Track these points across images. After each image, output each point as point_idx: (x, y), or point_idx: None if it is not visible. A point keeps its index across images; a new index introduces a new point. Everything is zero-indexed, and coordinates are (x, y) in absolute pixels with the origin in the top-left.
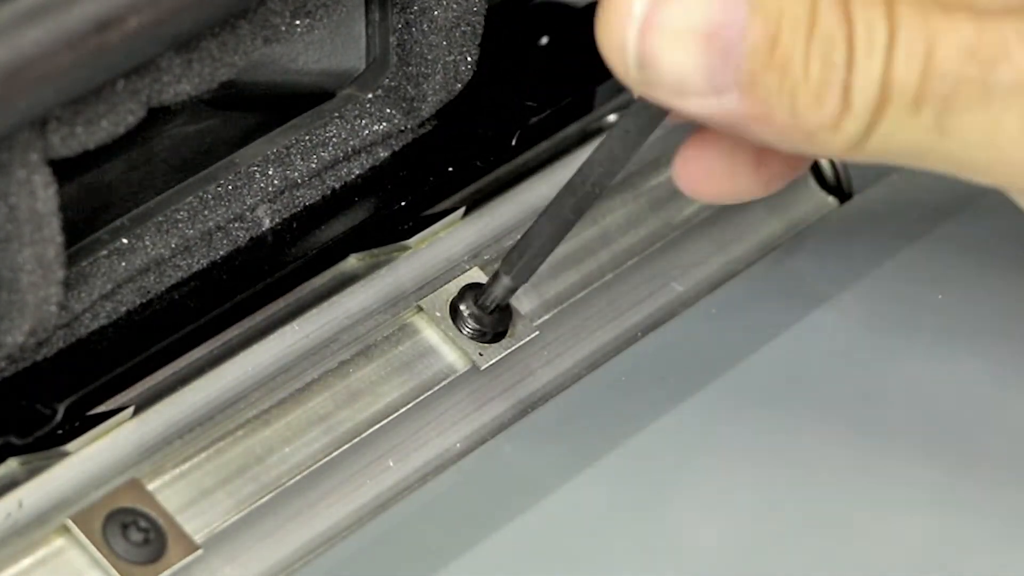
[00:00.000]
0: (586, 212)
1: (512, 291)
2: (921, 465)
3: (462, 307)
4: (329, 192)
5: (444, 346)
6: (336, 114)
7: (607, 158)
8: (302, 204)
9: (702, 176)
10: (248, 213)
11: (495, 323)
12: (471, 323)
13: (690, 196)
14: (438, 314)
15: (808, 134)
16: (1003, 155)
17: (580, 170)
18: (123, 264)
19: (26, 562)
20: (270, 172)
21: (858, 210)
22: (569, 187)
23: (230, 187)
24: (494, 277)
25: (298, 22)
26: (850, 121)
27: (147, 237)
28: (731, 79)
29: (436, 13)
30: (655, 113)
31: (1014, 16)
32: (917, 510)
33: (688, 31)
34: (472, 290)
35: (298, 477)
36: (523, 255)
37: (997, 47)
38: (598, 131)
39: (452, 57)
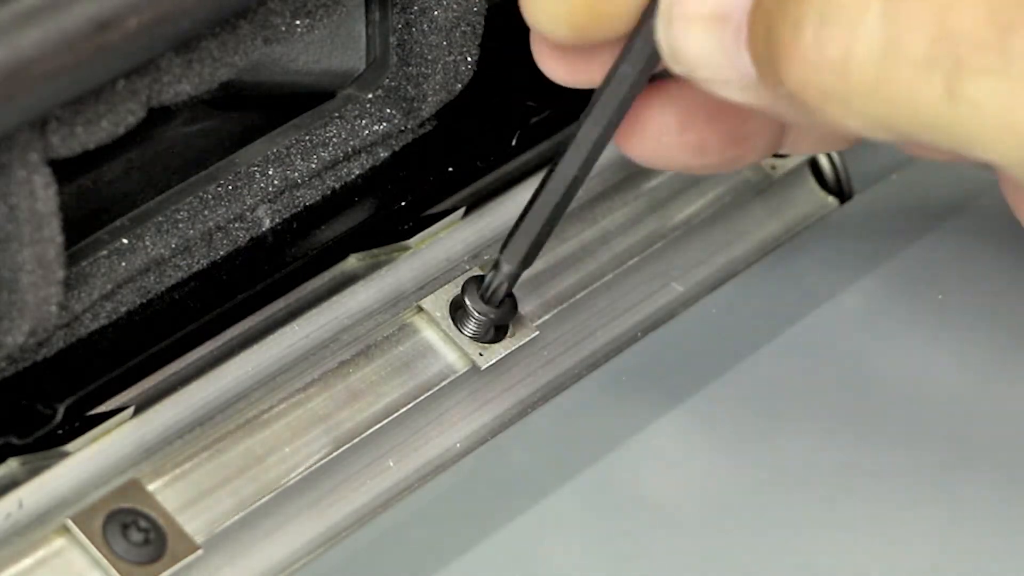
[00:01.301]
0: (579, 188)
1: (514, 278)
2: (922, 465)
3: (466, 300)
4: (329, 192)
5: (444, 346)
6: (336, 114)
7: (592, 128)
8: (302, 204)
9: (632, 132)
10: (248, 213)
11: (499, 316)
12: (475, 316)
13: (624, 152)
14: (438, 314)
15: (807, 108)
16: (1018, 124)
17: (566, 144)
18: (123, 264)
19: (26, 562)
20: (270, 172)
21: (858, 210)
22: (557, 163)
23: (230, 187)
24: (495, 265)
25: (298, 22)
26: (847, 88)
27: (147, 237)
28: (748, 61)
29: (436, 13)
30: (633, 82)
31: None
32: (918, 510)
33: (702, 17)
34: (475, 283)
35: (298, 477)
36: (520, 238)
37: (1017, 11)
38: None
39: (452, 57)
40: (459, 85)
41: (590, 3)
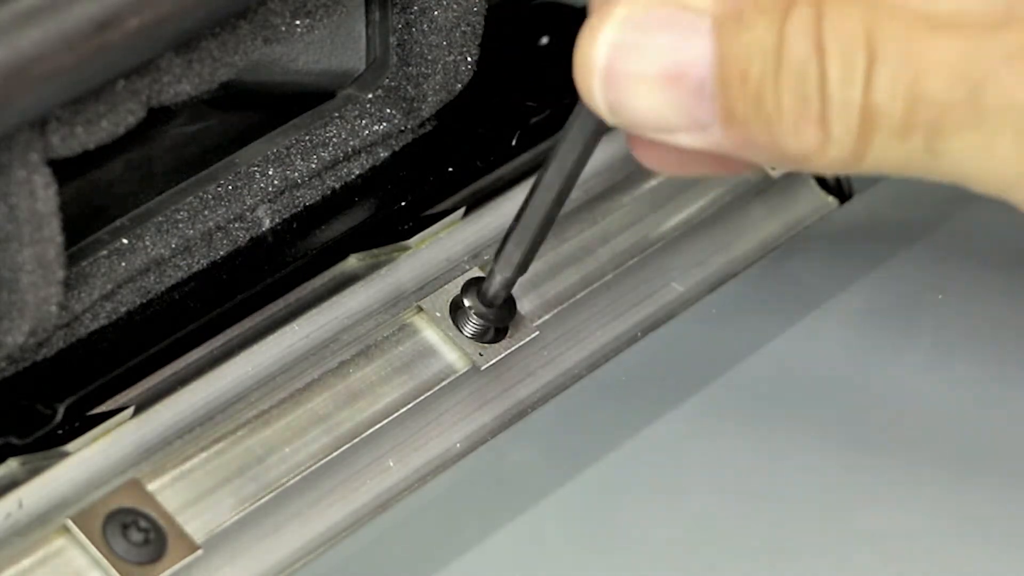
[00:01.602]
0: (566, 198)
1: (509, 285)
2: (921, 466)
3: (465, 302)
4: (329, 192)
5: (444, 346)
6: (336, 114)
7: (576, 142)
8: (302, 204)
9: (651, 145)
10: (248, 213)
11: (498, 317)
12: (474, 318)
13: (640, 162)
14: (438, 314)
15: (794, 160)
16: (998, 173)
17: (551, 157)
18: (123, 264)
19: (26, 562)
20: (270, 172)
21: (858, 210)
22: (543, 175)
23: (230, 187)
24: (490, 273)
25: (298, 22)
26: (833, 148)
27: (147, 237)
28: (711, 114)
29: (436, 13)
30: None
31: (997, 33)
32: (917, 511)
33: (652, 75)
34: (475, 284)
35: (298, 477)
36: (512, 248)
37: (983, 68)
38: None
39: (452, 57)
40: (459, 85)
41: None
